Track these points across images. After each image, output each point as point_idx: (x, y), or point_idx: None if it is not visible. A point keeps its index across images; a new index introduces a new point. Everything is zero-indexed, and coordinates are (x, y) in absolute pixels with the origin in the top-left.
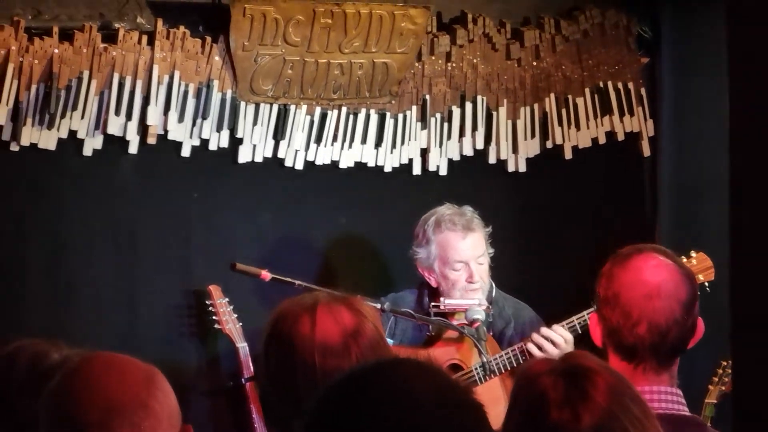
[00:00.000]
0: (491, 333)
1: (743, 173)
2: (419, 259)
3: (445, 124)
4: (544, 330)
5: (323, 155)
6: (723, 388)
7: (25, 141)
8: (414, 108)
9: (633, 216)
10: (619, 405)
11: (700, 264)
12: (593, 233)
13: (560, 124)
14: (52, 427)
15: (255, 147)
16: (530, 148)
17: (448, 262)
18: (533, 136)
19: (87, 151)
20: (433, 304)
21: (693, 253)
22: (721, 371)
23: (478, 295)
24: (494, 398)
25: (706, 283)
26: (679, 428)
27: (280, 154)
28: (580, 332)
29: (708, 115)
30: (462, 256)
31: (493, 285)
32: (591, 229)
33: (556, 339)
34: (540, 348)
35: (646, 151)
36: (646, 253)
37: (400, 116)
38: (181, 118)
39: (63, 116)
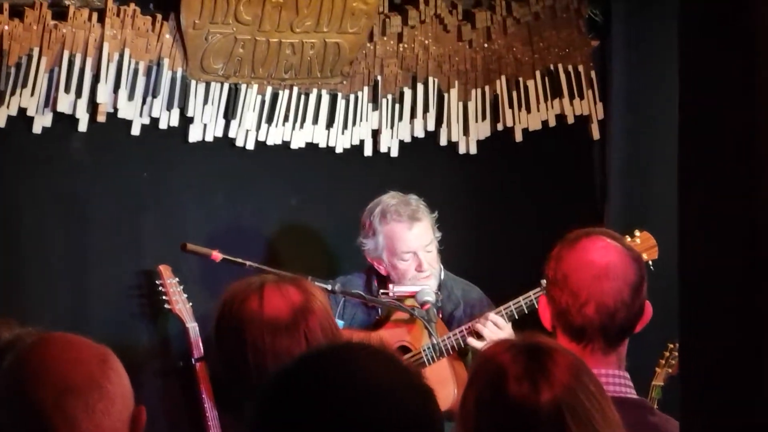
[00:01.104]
0: (440, 316)
1: (692, 155)
2: (367, 250)
3: (397, 106)
4: (491, 315)
5: (274, 135)
6: (670, 370)
7: None
8: (365, 89)
9: (582, 198)
10: (578, 382)
11: (644, 243)
12: (543, 215)
13: (511, 106)
14: (4, 407)
15: (205, 126)
16: (481, 130)
17: (396, 253)
18: (484, 118)
19: (36, 129)
20: (382, 291)
21: (637, 232)
22: (667, 354)
23: (429, 281)
24: (442, 379)
25: (650, 262)
26: (627, 411)
27: (231, 134)
28: (526, 312)
29: (657, 98)
30: (409, 246)
31: (442, 268)
32: (540, 211)
33: (499, 322)
34: (480, 334)
35: (596, 134)
36: (595, 236)
37: (352, 97)
38: (131, 96)
39: (12, 93)
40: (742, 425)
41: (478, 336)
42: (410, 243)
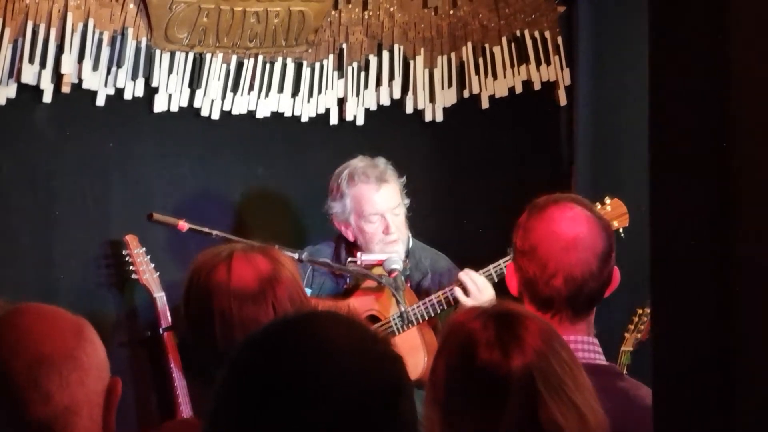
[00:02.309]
0: (409, 284)
1: (662, 122)
2: (335, 213)
3: (362, 74)
4: (469, 271)
5: (239, 105)
6: (639, 335)
7: None
8: (331, 57)
9: (550, 165)
10: (549, 347)
11: (615, 210)
12: (510, 182)
13: (477, 73)
14: None
15: (170, 96)
16: (447, 97)
17: (364, 215)
18: (450, 85)
19: (1, 100)
20: (350, 259)
21: (607, 200)
22: (636, 319)
23: (396, 246)
24: (412, 348)
25: (621, 230)
26: (596, 377)
27: (196, 104)
28: (496, 280)
29: (624, 63)
30: (377, 208)
31: (410, 236)
32: (508, 178)
33: (478, 281)
34: (463, 288)
35: (563, 100)
36: (563, 204)
37: (317, 65)
38: (95, 67)
39: None
40: (715, 389)
41: (448, 305)
42: (378, 205)
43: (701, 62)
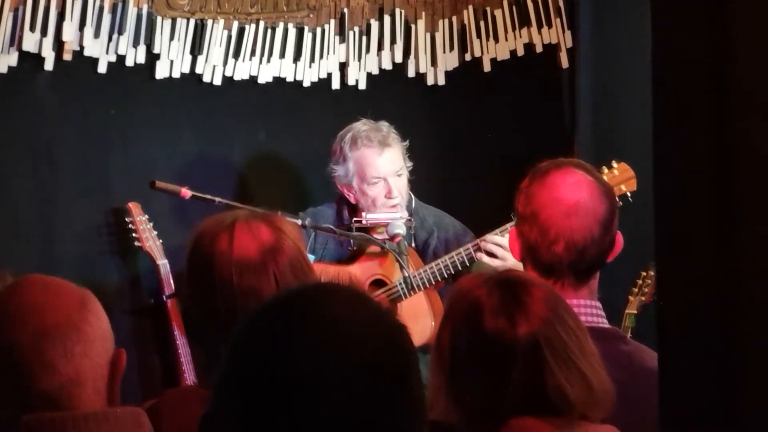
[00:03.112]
0: (414, 245)
1: (665, 85)
2: (337, 176)
3: (364, 38)
4: (491, 236)
5: (241, 70)
6: (643, 298)
7: None
8: (332, 21)
9: (552, 128)
10: (555, 314)
11: (622, 174)
12: (513, 146)
13: (479, 36)
14: None
15: (172, 63)
16: (449, 60)
17: (366, 179)
18: (452, 48)
19: (2, 68)
20: (355, 219)
21: (614, 164)
22: (640, 282)
23: (398, 210)
24: (418, 313)
25: (629, 193)
26: (599, 341)
27: (198, 70)
28: None
29: (627, 25)
30: (380, 172)
31: (413, 196)
32: (510, 141)
33: (503, 243)
34: (489, 254)
35: (565, 63)
36: (565, 169)
37: (318, 30)
38: (96, 34)
39: None
40: (720, 351)
41: (455, 270)
42: (380, 168)
43: (705, 23)
